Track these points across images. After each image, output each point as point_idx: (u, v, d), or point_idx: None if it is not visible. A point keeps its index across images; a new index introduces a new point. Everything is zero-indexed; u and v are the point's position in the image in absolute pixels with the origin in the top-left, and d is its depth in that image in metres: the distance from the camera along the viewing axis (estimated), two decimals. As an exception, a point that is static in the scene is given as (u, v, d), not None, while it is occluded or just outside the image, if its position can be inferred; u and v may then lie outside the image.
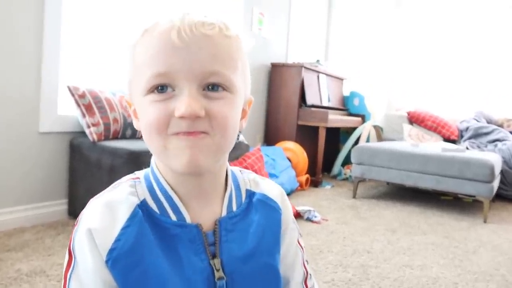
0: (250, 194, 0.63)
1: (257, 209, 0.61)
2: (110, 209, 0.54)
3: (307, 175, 3.61)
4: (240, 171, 0.66)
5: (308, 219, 2.55)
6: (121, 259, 0.52)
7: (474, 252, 2.20)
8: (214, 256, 0.56)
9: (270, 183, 0.67)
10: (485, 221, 2.89)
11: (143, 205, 0.55)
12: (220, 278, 0.55)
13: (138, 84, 0.53)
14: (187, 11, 0.52)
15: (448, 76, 4.86)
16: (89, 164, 2.08)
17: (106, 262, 0.52)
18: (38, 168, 2.12)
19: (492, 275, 1.89)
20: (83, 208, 0.65)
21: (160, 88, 0.51)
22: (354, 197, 3.37)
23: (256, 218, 0.61)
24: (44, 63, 2.07)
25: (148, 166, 0.61)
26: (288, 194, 3.16)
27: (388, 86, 5.08)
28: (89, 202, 0.57)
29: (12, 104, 1.98)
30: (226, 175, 0.61)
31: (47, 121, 2.10)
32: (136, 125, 0.59)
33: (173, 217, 0.56)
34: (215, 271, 0.55)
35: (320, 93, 4.09)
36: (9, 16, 1.93)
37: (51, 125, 2.12)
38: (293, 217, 0.69)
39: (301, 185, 3.48)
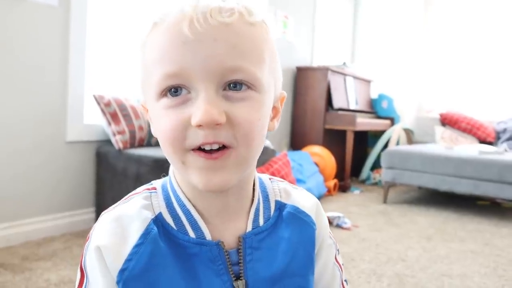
0: (280, 206, 0.55)
1: (287, 224, 0.53)
2: (121, 224, 0.48)
3: (335, 180, 3.52)
4: (270, 179, 0.58)
5: (338, 226, 2.46)
6: (132, 281, 0.46)
7: (517, 260, 2.08)
8: (238, 278, 0.49)
9: (304, 193, 0.59)
10: (526, 227, 2.74)
11: (158, 220, 0.49)
12: None
13: (150, 88, 0.46)
14: None
15: (481, 75, 4.67)
16: (115, 172, 2.07)
17: (117, 283, 0.46)
18: (66, 177, 2.12)
19: (539, 285, 1.77)
20: None
21: (174, 91, 0.44)
22: (384, 202, 3.26)
23: (287, 234, 0.53)
24: (70, 73, 2.07)
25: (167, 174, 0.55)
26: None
27: (417, 87, 4.93)
28: (100, 215, 0.51)
29: (39, 114, 1.99)
30: (254, 184, 0.54)
31: (74, 130, 2.11)
32: (153, 131, 0.52)
33: (192, 234, 0.49)
34: None
35: (347, 96, 4.00)
36: (35, 28, 1.94)
37: (77, 134, 2.12)
38: (330, 231, 0.62)
39: (329, 191, 3.39)
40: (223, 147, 0.44)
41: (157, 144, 2.29)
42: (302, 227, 0.55)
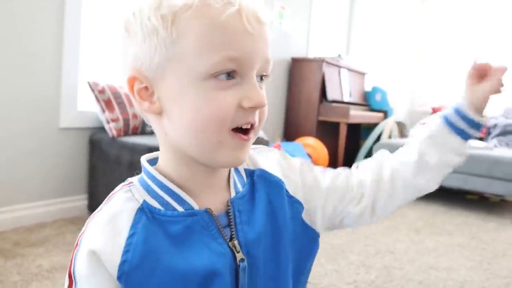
0: (250, 172, 0.58)
1: (260, 186, 0.57)
2: (110, 222, 0.49)
3: (328, 172, 3.55)
4: (256, 151, 0.63)
5: (329, 218, 2.49)
6: (134, 271, 0.47)
7: (503, 255, 2.12)
8: (230, 239, 0.52)
9: (266, 156, 0.62)
10: (513, 222, 2.80)
11: (144, 207, 0.51)
12: (241, 260, 0.51)
13: (189, 67, 0.47)
14: None
15: (474, 71, 4.70)
16: (108, 159, 2.07)
17: (119, 279, 0.47)
18: (59, 163, 2.12)
19: (522, 279, 1.81)
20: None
21: (228, 75, 0.47)
22: (376, 195, 3.29)
23: (262, 195, 0.56)
24: (64, 59, 2.06)
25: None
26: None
27: (411, 81, 4.96)
28: (86, 223, 0.52)
29: (33, 101, 1.98)
30: None
31: (67, 117, 2.10)
32: (146, 107, 0.51)
33: (180, 209, 0.51)
34: (235, 253, 0.51)
35: (341, 88, 4.01)
36: (30, 15, 1.92)
37: (71, 121, 2.12)
38: (295, 161, 0.65)
39: (321, 182, 3.42)
40: (251, 127, 0.50)
41: (151, 133, 2.29)
42: (273, 187, 0.57)
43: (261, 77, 0.52)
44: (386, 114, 4.45)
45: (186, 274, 0.48)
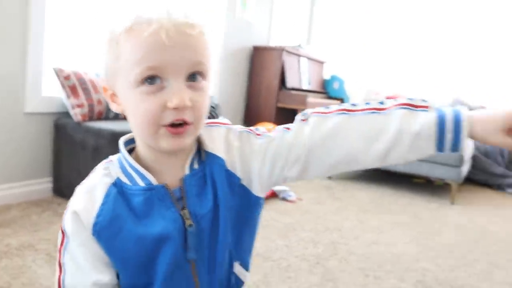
0: (206, 153, 0.68)
1: (211, 165, 0.67)
2: (89, 192, 0.64)
3: (286, 157, 3.73)
4: (207, 128, 0.71)
5: (284, 198, 2.67)
6: (103, 231, 0.62)
7: (438, 231, 2.36)
8: (182, 208, 0.65)
9: (211, 134, 0.70)
10: (452, 203, 3.07)
11: (117, 182, 0.64)
12: (190, 225, 0.64)
13: (126, 77, 0.59)
14: (168, 8, 0.59)
15: (427, 62, 4.99)
16: (73, 144, 2.15)
17: (93, 235, 0.62)
18: (23, 147, 2.17)
19: (451, 251, 2.05)
20: (67, 187, 0.82)
21: (150, 80, 0.58)
22: (329, 178, 3.51)
23: (209, 172, 0.67)
24: (30, 45, 2.10)
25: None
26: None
27: (368, 71, 5.20)
28: (76, 190, 0.66)
29: (-3, 84, 2.02)
30: (198, 141, 0.69)
31: (32, 102, 2.15)
32: (114, 108, 0.66)
33: (142, 184, 0.64)
34: (185, 219, 0.64)
35: (300, 76, 4.18)
36: (-7, -3, 1.95)
37: (36, 105, 2.17)
38: (236, 133, 0.71)
39: (280, 166, 3.59)
40: (184, 123, 0.60)
41: (115, 118, 2.38)
42: (215, 165, 0.67)
43: (194, 76, 0.60)
44: (343, 102, 4.67)
45: (143, 237, 0.62)
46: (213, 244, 0.67)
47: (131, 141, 0.69)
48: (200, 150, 0.69)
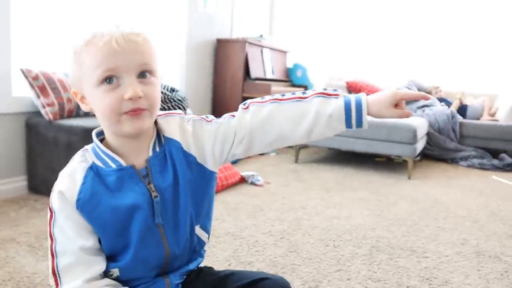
0: (165, 138, 0.83)
1: (169, 148, 0.82)
2: (71, 175, 0.78)
3: (254, 144, 3.88)
4: (162, 117, 0.86)
5: (252, 183, 2.83)
6: (85, 205, 0.76)
7: (394, 204, 2.57)
8: (149, 183, 0.80)
9: (168, 120, 0.85)
10: (409, 178, 3.31)
11: (93, 166, 0.79)
12: (155, 197, 0.79)
13: (89, 80, 0.73)
14: (117, 23, 0.74)
15: (384, 46, 5.25)
16: (46, 142, 2.24)
17: (77, 208, 0.76)
18: (-4, 147, 2.25)
19: (404, 220, 2.26)
20: (43, 183, 1.65)
21: (109, 80, 0.72)
22: (296, 162, 3.69)
23: (169, 154, 0.82)
24: (-4, 47, 2.17)
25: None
26: (235, 162, 3.43)
27: (329, 57, 5.40)
28: (59, 175, 0.80)
29: (-34, 88, 2.08)
30: (156, 128, 0.83)
31: (3, 103, 2.22)
32: (84, 108, 0.81)
33: (113, 166, 0.79)
34: (151, 192, 0.79)
35: (264, 66, 4.33)
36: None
37: (6, 106, 2.24)
38: (200, 125, 0.86)
39: (248, 154, 3.75)
40: (141, 110, 0.75)
41: (85, 115, 2.47)
42: (173, 147, 0.82)
43: (144, 74, 0.75)
44: (306, 89, 4.86)
45: (117, 207, 0.77)
46: (176, 210, 0.82)
47: (101, 133, 0.83)
48: (159, 137, 0.84)
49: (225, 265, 1.62)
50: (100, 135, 0.83)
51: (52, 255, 0.77)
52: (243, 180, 2.86)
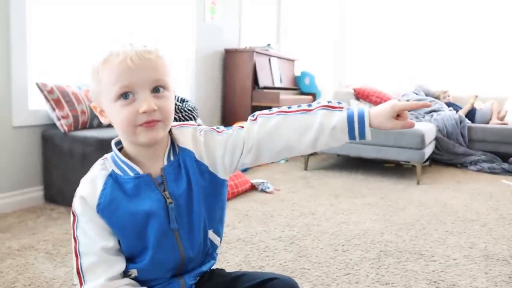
0: (179, 148, 0.89)
1: (183, 158, 0.88)
2: (92, 182, 0.84)
3: (263, 152, 3.93)
4: (177, 128, 0.91)
5: (262, 190, 2.88)
6: (105, 209, 0.82)
7: (403, 208, 2.60)
8: (164, 190, 0.85)
9: (182, 131, 0.91)
10: (418, 183, 3.32)
11: (112, 174, 0.85)
12: (170, 203, 0.84)
13: (107, 96, 0.80)
14: (131, 42, 0.80)
15: (391, 52, 5.28)
16: (61, 153, 2.31)
17: (97, 212, 0.82)
18: (14, 159, 2.33)
19: (413, 225, 2.28)
20: (58, 193, 1.78)
21: (125, 96, 0.79)
22: (305, 169, 3.73)
23: (183, 164, 0.87)
24: (13, 62, 2.26)
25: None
26: (245, 170, 3.48)
27: (337, 65, 5.45)
28: (80, 181, 0.87)
29: (-15, 102, 2.17)
30: (170, 138, 0.89)
31: (20, 116, 2.31)
32: (103, 120, 0.87)
33: (131, 174, 0.85)
34: (166, 199, 0.85)
35: (272, 75, 4.40)
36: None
37: (23, 119, 2.33)
38: (211, 135, 0.91)
39: (257, 161, 3.80)
40: (155, 121, 0.80)
41: (98, 126, 2.55)
42: (189, 157, 0.88)
43: (157, 89, 0.81)
44: (314, 96, 4.91)
45: (135, 213, 0.83)
46: (190, 216, 0.88)
47: (119, 143, 0.89)
48: (173, 146, 0.90)
49: (236, 269, 1.66)
50: (118, 144, 0.89)
51: (76, 256, 0.83)
52: (253, 188, 2.90)
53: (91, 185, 0.84)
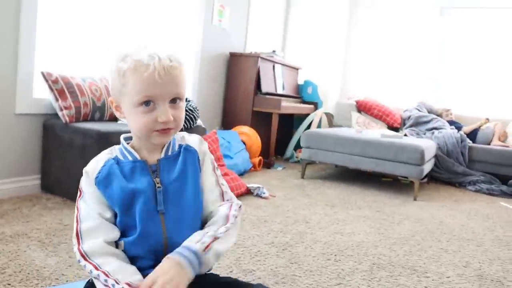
0: (180, 145, 1.00)
1: (184, 154, 0.99)
2: (96, 161, 0.96)
3: (260, 157, 3.94)
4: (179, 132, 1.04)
5: (258, 195, 2.87)
6: (101, 182, 0.93)
7: (398, 223, 2.59)
8: (156, 177, 0.96)
9: (193, 137, 1.04)
10: (415, 199, 3.32)
11: (115, 158, 0.96)
12: (158, 187, 0.94)
13: (129, 99, 0.89)
14: (158, 55, 0.87)
15: (395, 67, 5.30)
16: (61, 143, 2.31)
17: (95, 184, 0.93)
18: (14, 146, 2.32)
19: (408, 240, 2.28)
20: (56, 183, 1.95)
21: (146, 103, 0.88)
22: (302, 177, 3.72)
23: (183, 158, 0.98)
24: (21, 49, 2.26)
25: (117, 144, 1.01)
26: (242, 174, 3.48)
27: (341, 76, 5.46)
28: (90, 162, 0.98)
29: (-12, 88, 2.17)
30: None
31: (23, 104, 2.31)
32: (118, 115, 0.97)
33: (130, 158, 0.96)
34: (156, 183, 0.94)
35: (275, 81, 4.41)
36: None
37: (26, 107, 2.33)
38: (211, 155, 1.05)
39: (254, 166, 3.81)
40: (170, 129, 0.92)
41: (100, 119, 2.55)
42: (190, 154, 1.00)
43: (175, 100, 0.91)
44: (316, 106, 4.91)
45: (125, 188, 0.92)
46: (179, 203, 0.95)
47: (128, 138, 1.00)
48: (174, 144, 1.00)
49: (227, 271, 1.65)
50: (127, 139, 1.00)
51: (77, 221, 0.92)
52: (248, 192, 2.90)
53: (95, 163, 0.96)
